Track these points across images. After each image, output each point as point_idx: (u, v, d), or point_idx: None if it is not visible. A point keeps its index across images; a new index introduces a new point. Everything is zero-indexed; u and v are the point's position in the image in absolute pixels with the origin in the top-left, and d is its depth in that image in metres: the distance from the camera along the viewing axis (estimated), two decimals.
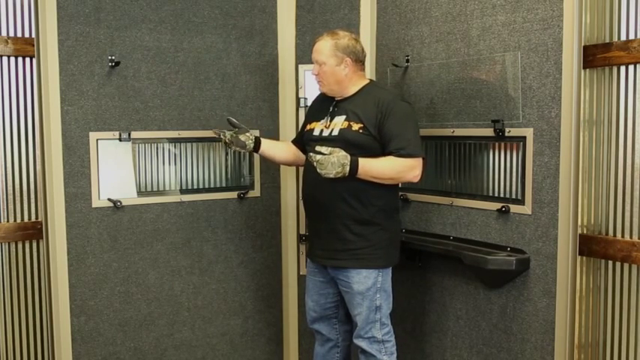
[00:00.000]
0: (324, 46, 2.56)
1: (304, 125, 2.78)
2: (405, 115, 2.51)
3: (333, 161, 2.36)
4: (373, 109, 2.49)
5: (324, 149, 2.41)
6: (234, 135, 2.66)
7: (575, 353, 2.43)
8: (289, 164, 2.98)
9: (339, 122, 2.56)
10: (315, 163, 2.37)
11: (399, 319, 2.91)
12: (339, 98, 2.63)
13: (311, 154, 2.42)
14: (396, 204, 2.65)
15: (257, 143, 2.74)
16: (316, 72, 2.60)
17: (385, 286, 2.57)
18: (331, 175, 2.36)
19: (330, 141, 2.53)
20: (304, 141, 2.73)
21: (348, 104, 2.58)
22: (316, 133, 2.63)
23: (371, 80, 2.69)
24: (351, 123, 2.52)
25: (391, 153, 2.45)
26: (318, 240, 2.64)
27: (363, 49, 2.62)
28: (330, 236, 2.57)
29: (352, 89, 2.60)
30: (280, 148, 2.86)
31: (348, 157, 2.39)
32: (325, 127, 2.60)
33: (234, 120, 2.70)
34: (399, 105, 2.51)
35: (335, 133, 2.55)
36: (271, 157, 2.83)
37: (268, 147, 2.78)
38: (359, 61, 2.60)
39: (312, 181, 2.55)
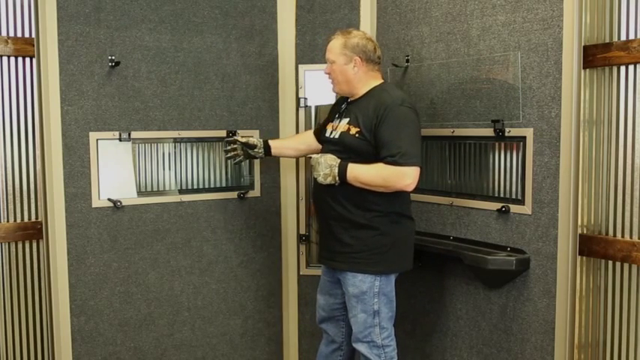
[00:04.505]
0: (335, 45, 2.56)
1: (324, 122, 2.80)
2: (401, 122, 2.40)
3: (320, 161, 2.44)
4: (371, 114, 2.45)
5: (313, 155, 2.49)
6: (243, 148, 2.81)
7: (575, 353, 2.43)
8: (305, 154, 3.03)
9: (342, 125, 2.55)
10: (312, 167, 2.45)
11: (399, 319, 2.90)
12: (350, 100, 2.62)
13: (308, 155, 2.52)
14: (402, 210, 2.55)
15: (267, 148, 2.83)
16: (327, 71, 2.60)
17: (385, 291, 2.53)
18: (321, 178, 2.43)
19: (333, 143, 2.55)
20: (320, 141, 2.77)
21: (355, 106, 2.57)
22: (327, 134, 2.64)
23: (384, 82, 2.61)
24: (351, 126, 2.51)
25: (383, 160, 2.39)
26: (322, 241, 2.67)
27: (375, 49, 2.57)
28: (330, 237, 2.57)
29: (362, 90, 2.57)
30: (291, 148, 2.95)
31: (337, 160, 2.44)
32: (333, 128, 2.61)
33: (239, 139, 2.78)
34: (397, 110, 2.41)
35: (336, 135, 2.55)
36: (283, 156, 2.97)
37: (278, 151, 2.90)
38: (370, 60, 2.55)
39: (317, 185, 2.56)
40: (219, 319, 3.17)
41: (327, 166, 2.43)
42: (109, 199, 2.84)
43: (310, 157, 2.47)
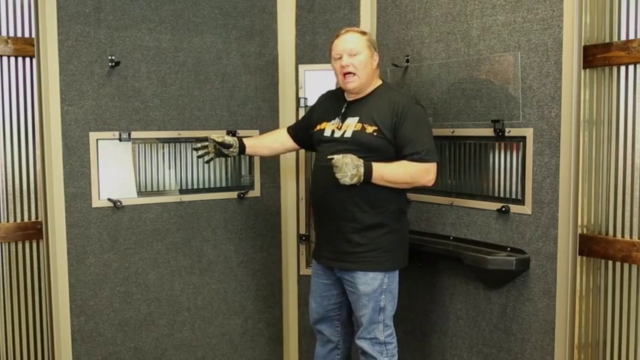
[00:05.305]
0: (358, 38, 2.54)
1: (312, 121, 2.74)
2: (420, 120, 2.49)
3: (347, 162, 2.34)
4: (388, 113, 2.46)
5: (335, 155, 2.38)
6: (219, 148, 2.76)
7: (575, 353, 2.43)
8: (278, 154, 3.06)
9: (351, 124, 2.53)
10: (334, 169, 2.35)
11: (399, 319, 2.91)
12: (351, 99, 2.61)
13: (328, 157, 2.41)
14: (403, 206, 2.63)
15: (242, 148, 2.81)
16: (347, 63, 2.50)
17: (391, 288, 2.56)
18: (347, 179, 2.34)
19: (342, 142, 2.51)
20: (314, 141, 2.70)
21: (360, 106, 2.56)
22: (327, 134, 2.60)
23: (384, 81, 2.65)
24: (365, 125, 2.49)
25: (405, 157, 2.43)
26: (327, 242, 2.62)
27: None
28: (338, 238, 2.55)
29: (369, 88, 2.57)
30: (264, 147, 2.91)
31: (360, 159, 2.38)
32: (337, 128, 2.57)
33: (215, 139, 2.74)
34: (414, 109, 2.49)
35: (348, 135, 2.52)
36: (257, 155, 3.00)
37: (253, 150, 2.87)
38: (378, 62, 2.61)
39: (323, 184, 2.53)
40: (219, 319, 3.17)
41: (354, 166, 2.35)
42: (109, 199, 2.84)
43: (331, 158, 2.37)
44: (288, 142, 2.88)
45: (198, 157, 2.80)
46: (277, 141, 2.90)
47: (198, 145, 2.77)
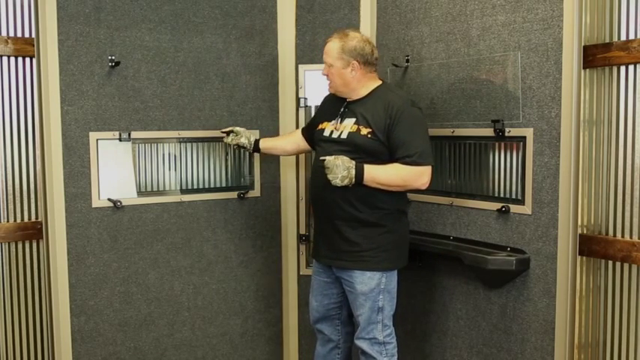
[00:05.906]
0: (332, 48, 2.55)
1: (316, 121, 2.78)
2: (415, 122, 2.48)
3: (337, 163, 2.39)
4: (382, 115, 2.46)
5: (327, 157, 2.43)
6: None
7: (575, 353, 2.43)
8: (292, 154, 3.11)
9: (348, 125, 2.54)
10: (325, 170, 2.40)
11: (399, 319, 2.91)
12: (350, 99, 2.61)
13: (321, 157, 2.45)
14: (403, 206, 2.64)
15: (256, 144, 2.91)
16: (325, 72, 2.61)
17: (389, 288, 2.56)
18: (338, 181, 2.38)
19: (338, 143, 2.53)
20: (314, 140, 2.73)
21: (358, 107, 2.56)
22: (326, 133, 2.62)
23: (383, 82, 2.64)
24: (360, 127, 2.50)
25: (398, 160, 2.44)
26: (325, 241, 2.63)
27: (373, 51, 2.58)
28: (336, 237, 2.56)
29: (363, 91, 2.57)
30: (278, 148, 3.00)
31: (352, 161, 2.41)
32: (335, 128, 2.59)
33: (231, 143, 2.93)
34: (409, 111, 2.48)
35: (344, 135, 2.53)
36: (271, 154, 3.06)
37: (268, 151, 2.99)
38: (368, 63, 2.55)
39: (320, 184, 2.53)
40: (219, 319, 3.17)
41: (344, 168, 2.38)
42: (109, 199, 2.84)
43: (324, 159, 2.42)
44: (301, 143, 2.92)
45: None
46: (293, 142, 2.96)
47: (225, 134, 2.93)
